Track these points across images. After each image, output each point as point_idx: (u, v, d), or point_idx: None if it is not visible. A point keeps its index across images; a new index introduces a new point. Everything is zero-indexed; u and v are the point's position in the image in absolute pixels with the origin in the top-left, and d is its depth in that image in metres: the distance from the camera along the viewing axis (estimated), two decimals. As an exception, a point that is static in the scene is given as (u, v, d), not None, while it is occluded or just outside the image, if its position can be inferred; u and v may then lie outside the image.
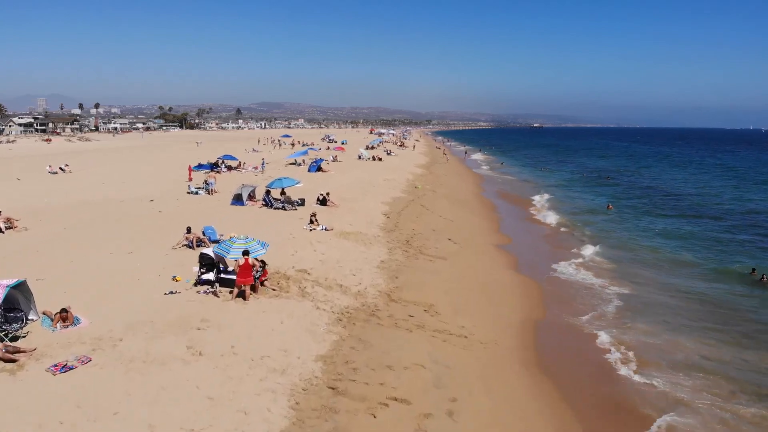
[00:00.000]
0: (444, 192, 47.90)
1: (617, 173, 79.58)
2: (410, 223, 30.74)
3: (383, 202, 35.83)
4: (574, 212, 43.13)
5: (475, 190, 53.87)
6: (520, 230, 34.94)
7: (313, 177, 48.52)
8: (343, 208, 31.15)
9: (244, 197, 30.64)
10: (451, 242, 27.98)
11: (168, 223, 25.79)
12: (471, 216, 38.00)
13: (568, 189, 59.15)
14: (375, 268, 20.41)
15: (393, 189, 43.72)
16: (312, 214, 25.25)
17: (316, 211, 29.43)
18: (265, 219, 27.01)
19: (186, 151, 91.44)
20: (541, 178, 71.71)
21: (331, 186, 41.39)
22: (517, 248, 29.46)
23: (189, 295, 15.39)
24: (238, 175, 47.28)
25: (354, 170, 57.04)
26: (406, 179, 52.58)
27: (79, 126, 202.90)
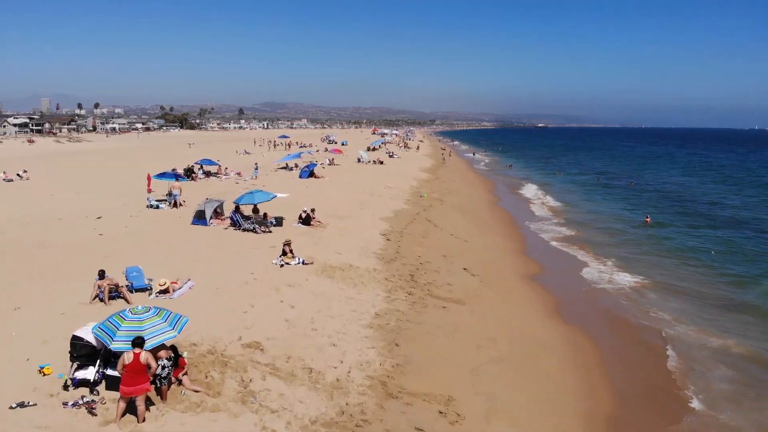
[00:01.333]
0: (453, 201, 41.69)
1: (637, 176, 73.22)
2: (415, 246, 24.55)
3: (383, 218, 29.64)
4: (606, 226, 36.96)
5: (487, 199, 47.65)
6: (549, 253, 28.71)
7: (303, 184, 42.40)
8: (332, 229, 24.97)
9: (208, 215, 24.53)
10: (468, 273, 21.82)
11: (101, 253, 19.73)
12: (488, 233, 31.79)
13: (591, 196, 52.84)
14: (366, 327, 14.23)
15: (395, 199, 37.56)
16: (285, 243, 19.04)
17: (297, 233, 23.29)
18: (225, 247, 20.84)
19: (175, 152, 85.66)
20: (556, 182, 65.47)
21: (322, 196, 35.31)
22: (552, 280, 23.29)
23: (48, 410, 9.20)
24: (216, 183, 41.15)
25: (352, 176, 50.88)
26: (410, 186, 46.40)
27: (77, 126, 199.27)
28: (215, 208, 25.04)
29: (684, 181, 69.11)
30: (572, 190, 58.07)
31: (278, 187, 39.66)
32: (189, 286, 15.38)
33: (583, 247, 30.01)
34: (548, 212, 42.06)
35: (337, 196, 36.36)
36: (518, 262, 25.93)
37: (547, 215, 40.68)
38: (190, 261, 18.46)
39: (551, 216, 40.22)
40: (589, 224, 37.39)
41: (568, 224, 37.05)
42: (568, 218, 39.48)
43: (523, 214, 40.94)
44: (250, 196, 24.73)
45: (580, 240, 32.00)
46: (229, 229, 23.88)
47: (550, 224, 36.91)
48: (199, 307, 13.88)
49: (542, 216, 40.20)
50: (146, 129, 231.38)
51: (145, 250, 20.06)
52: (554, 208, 44.10)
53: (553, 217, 39.95)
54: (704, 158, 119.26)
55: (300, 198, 34.81)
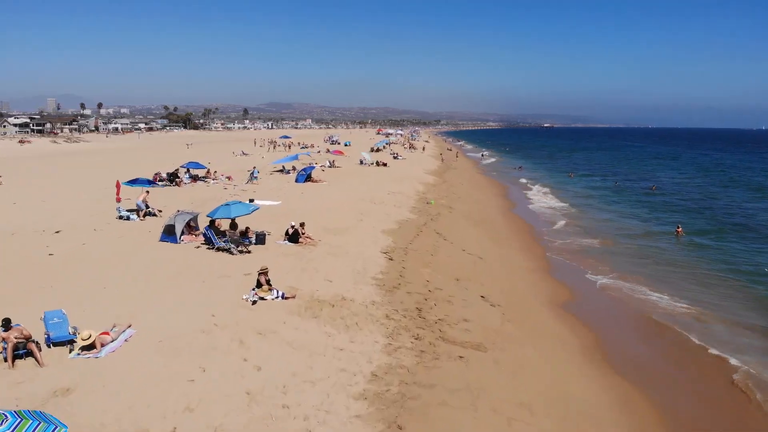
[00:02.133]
0: (463, 209, 37.92)
1: (656, 180, 69.18)
2: (422, 266, 20.81)
3: (385, 231, 25.88)
4: (633, 237, 33.15)
5: (500, 205, 43.83)
6: (577, 272, 24.83)
7: (299, 189, 38.72)
8: (325, 247, 21.21)
9: (179, 230, 20.82)
10: (487, 303, 18.07)
11: (39, 281, 16.10)
12: (504, 248, 28.00)
13: (611, 202, 48.91)
14: (358, 399, 10.39)
15: (399, 207, 33.81)
16: (261, 272, 15.25)
17: (282, 253, 19.55)
18: (190, 274, 17.06)
19: (172, 153, 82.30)
20: (570, 185, 61.58)
21: (317, 205, 31.58)
22: (587, 309, 19.52)
23: None
24: (202, 189, 37.47)
25: (353, 179, 47.16)
26: (416, 191, 42.64)
27: (78, 126, 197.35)
28: (187, 221, 21.32)
29: (704, 184, 65.01)
30: (589, 194, 54.18)
31: (270, 193, 36.02)
32: (126, 337, 11.68)
33: (613, 263, 26.23)
34: (567, 220, 38.21)
35: (334, 204, 32.66)
36: (543, 284, 22.13)
37: (567, 224, 36.83)
38: (141, 295, 14.77)
39: (572, 225, 36.38)
40: (615, 235, 33.55)
41: (591, 234, 33.24)
42: (591, 227, 35.66)
43: (541, 223, 37.13)
44: (226, 209, 20.82)
45: (609, 254, 28.25)
46: (201, 248, 20.16)
47: (572, 235, 33.09)
48: (128, 374, 10.19)
49: (562, 225, 36.37)
50: (149, 129, 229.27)
51: (93, 278, 16.40)
52: (573, 216, 40.28)
53: (574, 226, 36.10)
54: (717, 159, 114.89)
55: (293, 206, 31.13)
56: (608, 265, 25.98)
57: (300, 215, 27.33)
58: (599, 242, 30.96)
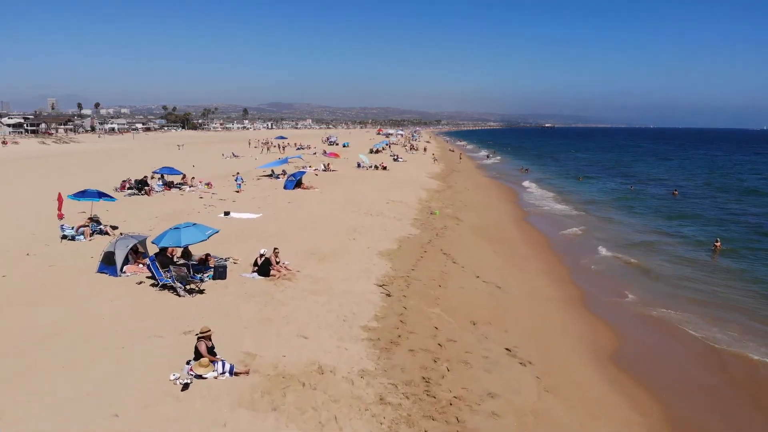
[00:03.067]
0: (472, 220, 33.46)
1: (675, 183, 64.70)
2: (428, 304, 16.40)
3: (382, 253, 21.44)
4: (667, 252, 28.80)
5: (512, 213, 39.34)
6: (617, 305, 20.37)
7: (286, 198, 34.29)
8: (304, 281, 16.74)
9: (120, 259, 16.38)
10: (515, 360, 13.64)
11: None
12: (525, 270, 23.50)
13: (631, 209, 44.41)
14: None
15: (399, 219, 29.40)
16: (202, 335, 10.74)
17: (245, 293, 15.11)
18: (109, 331, 12.50)
19: (162, 155, 78.01)
20: (582, 190, 57.09)
21: (303, 219, 27.15)
22: (646, 365, 15.07)
23: None
24: (174, 198, 32.95)
25: (348, 185, 42.77)
26: (418, 199, 38.21)
27: (74, 127, 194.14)
28: (131, 248, 16.87)
29: (725, 187, 60.45)
30: (605, 200, 49.67)
31: (253, 203, 31.61)
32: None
33: (654, 288, 21.94)
34: (588, 231, 33.75)
35: (324, 216, 28.23)
36: (581, 323, 17.66)
37: (587, 236, 32.38)
38: (29, 370, 10.35)
39: (594, 237, 31.90)
40: (646, 251, 29.14)
41: (618, 248, 28.82)
42: (615, 240, 31.20)
43: (559, 235, 32.67)
44: (174, 235, 16.12)
45: (645, 276, 23.97)
46: (145, 284, 15.72)
47: (597, 251, 28.66)
48: None
49: (583, 238, 31.92)
50: (146, 129, 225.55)
51: None
52: (593, 226, 35.81)
53: (597, 239, 31.62)
54: (728, 160, 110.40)
55: (276, 220, 26.72)
56: (649, 292, 21.65)
57: (280, 233, 22.93)
58: (631, 261, 26.51)
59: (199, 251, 18.21)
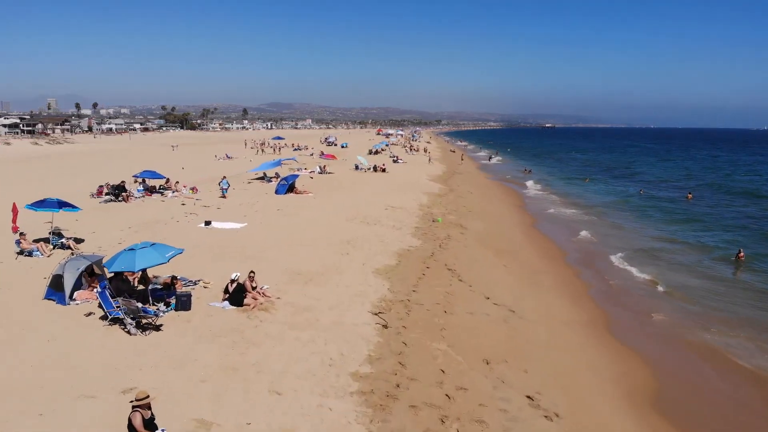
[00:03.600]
0: (477, 227, 30.89)
1: (682, 185, 62.16)
2: (432, 338, 13.86)
3: (379, 271, 18.90)
4: (688, 262, 26.35)
5: (519, 220, 36.75)
6: (648, 334, 17.80)
7: (276, 204, 31.74)
8: (284, 311, 14.13)
9: (68, 285, 13.80)
10: (539, 413, 11.10)
11: None
12: (540, 289, 20.90)
13: (644, 214, 41.85)
14: None
15: (399, 228, 26.86)
16: (138, 403, 8.15)
17: (210, 330, 12.57)
18: (34, 385, 9.89)
19: (154, 156, 75.66)
20: (590, 193, 54.54)
21: (292, 229, 24.58)
22: (699, 413, 12.54)
23: None
24: (152, 205, 30.32)
25: (345, 190, 40.23)
26: (419, 204, 35.66)
27: (70, 127, 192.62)
28: (84, 271, 14.29)
29: (737, 189, 57.82)
30: (615, 204, 47.13)
31: (239, 211, 29.06)
32: None
33: (685, 311, 19.42)
34: (603, 239, 31.21)
35: (315, 226, 25.68)
36: (611, 357, 15.09)
37: (604, 244, 29.85)
38: None
39: (610, 246, 29.34)
40: (668, 260, 26.74)
41: (638, 260, 26.36)
42: (634, 249, 28.70)
43: (573, 245, 30.13)
44: (128, 258, 13.21)
45: (673, 291, 21.53)
46: (93, 315, 13.14)
47: (615, 260, 26.20)
48: None
49: (598, 247, 29.40)
50: (144, 129, 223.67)
51: None
52: (606, 233, 33.27)
53: (614, 248, 29.05)
54: (736, 161, 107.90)
55: (261, 231, 24.17)
56: (678, 311, 19.38)
57: (263, 248, 20.35)
58: (652, 273, 23.97)
59: (165, 272, 15.67)
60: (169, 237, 22.47)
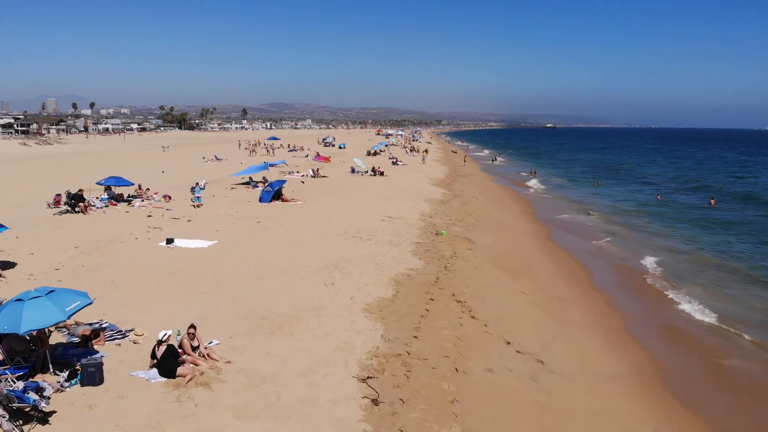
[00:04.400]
0: (487, 241, 27.07)
1: (701, 189, 58.36)
2: (440, 419, 10.05)
3: (370, 307, 15.05)
4: (740, 287, 22.47)
5: (532, 230, 32.90)
6: (722, 388, 13.99)
7: (257, 215, 27.90)
8: (234, 386, 10.05)
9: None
10: None
11: None
12: (568, 325, 17.05)
13: (665, 223, 38.00)
14: None
15: (397, 244, 23.04)
16: None
17: (132, 409, 8.64)
18: None
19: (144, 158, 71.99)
20: (603, 198, 50.67)
21: (268, 249, 20.71)
22: None
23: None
24: (115, 216, 26.43)
25: (338, 196, 36.44)
26: (420, 213, 31.84)
27: (66, 127, 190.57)
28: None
29: (755, 193, 53.97)
30: (633, 210, 43.26)
31: (211, 223, 25.22)
32: None
33: (752, 347, 15.61)
34: (630, 253, 27.40)
35: (297, 247, 21.81)
36: (675, 426, 11.31)
37: (632, 260, 26.09)
38: None
39: (640, 263, 25.58)
40: (711, 281, 22.91)
41: (678, 281, 22.67)
42: (670, 267, 24.90)
43: (596, 259, 26.36)
44: (13, 312, 9.14)
45: (729, 327, 17.62)
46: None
47: (650, 282, 22.42)
48: None
49: (627, 263, 25.61)
50: (142, 129, 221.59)
51: None
52: (633, 246, 29.42)
53: (645, 264, 25.33)
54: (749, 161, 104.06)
55: (231, 252, 20.32)
56: (747, 356, 15.37)
57: (227, 277, 16.54)
58: (697, 299, 20.14)
59: (91, 314, 11.87)
60: (119, 260, 18.68)
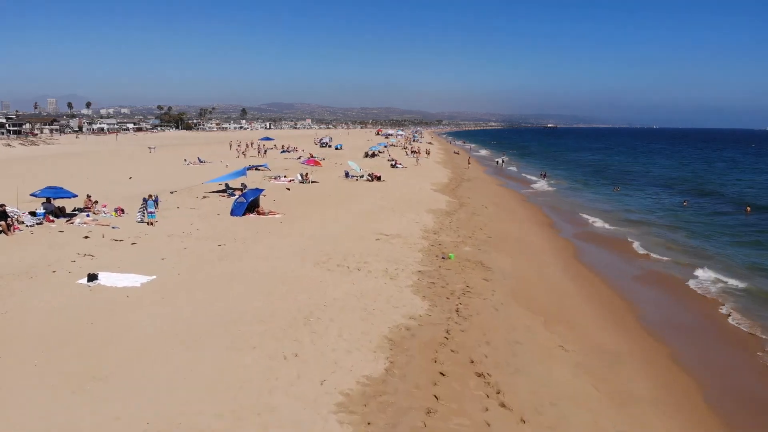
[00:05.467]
0: (505, 266, 21.89)
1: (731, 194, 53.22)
2: None
3: (346, 404, 9.89)
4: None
5: (554, 247, 27.68)
6: None
7: (220, 237, 22.76)
8: None
9: None
10: None
11: None
12: (645, 415, 11.89)
13: (699, 232, 33.02)
14: None
15: (394, 276, 17.88)
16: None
17: None
18: None
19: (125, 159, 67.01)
20: (625, 204, 45.41)
21: (226, 285, 15.51)
22: None
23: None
24: (47, 235, 21.28)
25: (326, 206, 31.32)
26: (423, 229, 26.71)
27: (59, 127, 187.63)
28: None
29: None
30: (662, 220, 37.97)
31: (160, 247, 20.01)
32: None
33: None
34: (680, 279, 22.28)
35: (257, 286, 16.63)
36: None
37: (687, 290, 20.94)
38: None
39: (697, 292, 20.48)
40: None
41: (752, 317, 17.52)
42: (741, 300, 19.78)
43: (640, 287, 21.25)
44: None
45: None
46: None
47: (733, 321, 17.28)
48: None
49: (681, 293, 20.47)
50: (138, 129, 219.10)
51: None
52: (683, 271, 24.19)
53: (704, 292, 20.24)
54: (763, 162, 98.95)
55: (168, 293, 15.14)
56: None
57: (133, 350, 11.41)
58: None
59: None
60: (12, 309, 13.55)
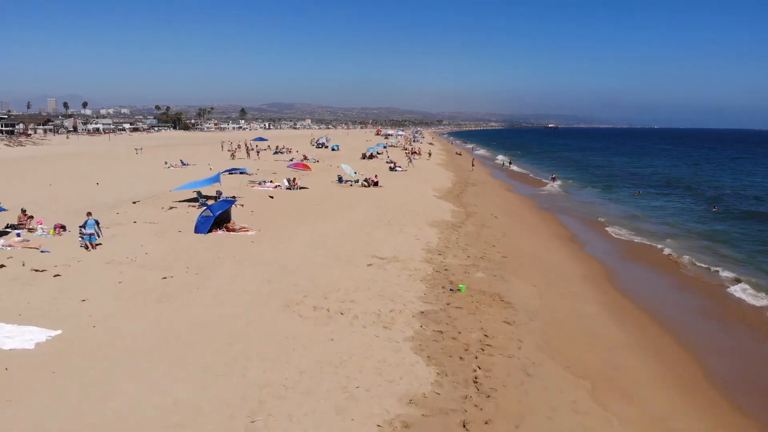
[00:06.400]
0: (526, 297, 17.41)
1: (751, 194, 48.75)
2: None
3: None
4: None
5: (581, 270, 23.08)
6: None
7: (171, 265, 18.31)
8: None
9: None
10: None
11: None
12: None
13: (746, 248, 28.59)
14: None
15: (388, 326, 13.42)
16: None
17: None
18: None
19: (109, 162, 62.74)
20: (650, 212, 40.97)
21: (160, 338, 10.76)
22: None
23: None
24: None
25: (312, 219, 26.83)
26: (425, 248, 22.23)
27: (54, 127, 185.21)
28: None
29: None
30: (693, 230, 33.46)
31: (89, 280, 15.49)
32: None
33: None
34: (752, 315, 17.85)
35: (197, 352, 12.20)
36: None
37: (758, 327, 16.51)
38: None
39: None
40: None
41: None
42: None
43: (703, 328, 16.80)
44: None
45: None
46: None
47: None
48: None
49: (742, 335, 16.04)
50: (134, 129, 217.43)
51: None
52: (745, 294, 19.89)
53: None
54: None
55: (78, 352, 10.63)
56: None
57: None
58: None
59: None
60: None
